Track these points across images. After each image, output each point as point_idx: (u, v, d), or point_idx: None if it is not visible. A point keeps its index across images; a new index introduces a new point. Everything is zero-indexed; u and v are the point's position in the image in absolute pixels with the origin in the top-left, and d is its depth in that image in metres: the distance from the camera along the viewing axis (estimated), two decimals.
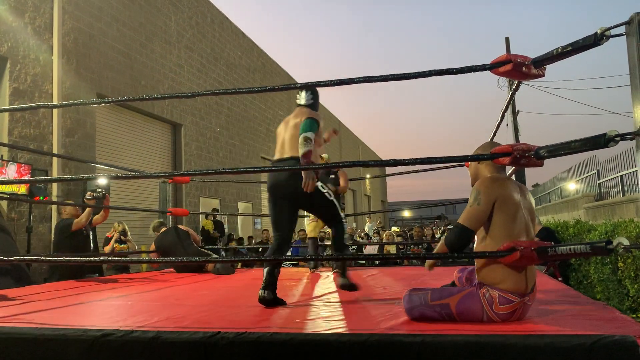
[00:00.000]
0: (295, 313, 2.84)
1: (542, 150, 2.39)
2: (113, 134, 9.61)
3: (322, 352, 2.04)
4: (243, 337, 2.09)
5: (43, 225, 7.60)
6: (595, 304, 2.79)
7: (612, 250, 2.12)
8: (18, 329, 2.40)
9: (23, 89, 7.48)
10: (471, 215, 2.37)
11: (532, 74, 2.53)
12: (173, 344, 2.13)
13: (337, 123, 27.07)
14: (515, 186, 2.44)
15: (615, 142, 2.20)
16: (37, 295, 3.72)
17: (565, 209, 15.10)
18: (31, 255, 5.29)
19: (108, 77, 9.28)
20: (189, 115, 12.02)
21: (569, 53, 2.40)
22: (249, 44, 16.04)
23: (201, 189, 12.21)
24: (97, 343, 2.17)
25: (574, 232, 6.98)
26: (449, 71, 2.66)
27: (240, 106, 14.77)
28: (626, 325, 2.14)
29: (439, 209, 45.23)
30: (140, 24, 10.42)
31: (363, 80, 2.80)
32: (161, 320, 2.62)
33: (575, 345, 1.83)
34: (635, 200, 8.49)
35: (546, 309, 2.61)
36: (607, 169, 12.29)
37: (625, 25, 2.26)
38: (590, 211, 11.90)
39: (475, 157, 2.58)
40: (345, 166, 3.36)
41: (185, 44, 12.07)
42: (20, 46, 7.50)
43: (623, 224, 5.00)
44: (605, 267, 5.07)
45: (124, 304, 3.37)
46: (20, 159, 7.19)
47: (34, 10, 7.77)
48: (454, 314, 2.34)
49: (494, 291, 2.31)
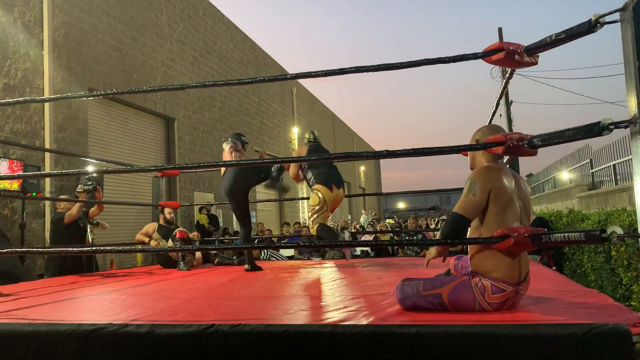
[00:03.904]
0: (290, 305, 2.83)
1: (536, 139, 2.38)
2: (105, 128, 9.55)
3: (317, 344, 2.04)
4: (238, 329, 2.08)
5: (37, 222, 7.56)
6: (589, 292, 2.80)
7: (606, 238, 2.11)
8: (12, 325, 2.39)
9: (13, 85, 7.41)
10: (466, 205, 2.35)
11: (524, 61, 2.52)
12: (167, 336, 2.12)
13: (330, 115, 27.03)
14: (510, 176, 2.42)
15: (610, 131, 2.20)
16: (31, 292, 3.70)
17: (559, 199, 15.15)
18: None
19: (99, 71, 9.21)
20: (182, 109, 11.96)
21: (562, 40, 2.38)
22: (242, 36, 15.96)
23: (195, 183, 12.18)
24: (91, 337, 2.17)
25: (568, 221, 7.00)
26: (441, 60, 2.65)
27: (234, 99, 14.72)
28: (620, 313, 2.14)
29: (434, 200, 45.37)
30: (132, 17, 10.33)
31: (355, 70, 2.79)
32: (155, 313, 2.61)
33: (569, 334, 1.84)
34: (628, 189, 8.52)
35: (540, 297, 2.62)
36: (600, 158, 12.32)
37: (620, 12, 2.24)
38: (583, 200, 11.95)
39: (468, 147, 2.57)
40: (339, 157, 3.39)
41: (177, 37, 11.99)
42: (10, 41, 7.42)
43: (616, 212, 5.01)
44: (599, 255, 5.09)
45: (117, 298, 3.36)
46: (12, 155, 7.14)
47: (23, 4, 7.69)
48: (446, 303, 2.34)
49: (486, 280, 2.31)
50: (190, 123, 12.30)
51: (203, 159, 12.54)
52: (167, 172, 6.74)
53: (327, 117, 26.14)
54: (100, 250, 3.21)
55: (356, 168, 30.79)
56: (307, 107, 22.29)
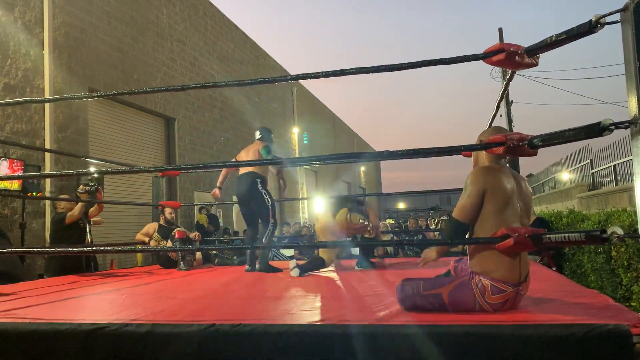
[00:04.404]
0: (290, 305, 2.83)
1: (536, 140, 2.38)
2: (106, 128, 9.55)
3: (317, 343, 2.04)
4: (238, 329, 2.09)
5: (37, 221, 7.56)
6: (589, 292, 2.80)
7: (607, 239, 2.11)
8: (12, 325, 2.39)
9: (14, 84, 7.41)
10: (462, 207, 2.37)
11: (525, 63, 2.51)
12: (167, 336, 2.12)
13: (331, 115, 27.03)
14: (509, 176, 2.41)
15: (610, 131, 2.20)
16: (31, 291, 3.70)
17: (559, 199, 15.14)
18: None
19: (100, 71, 9.21)
20: (182, 109, 11.96)
21: (563, 41, 2.38)
22: (242, 36, 15.95)
23: (196, 183, 12.18)
24: (91, 337, 2.17)
25: (568, 222, 7.00)
26: (442, 61, 2.64)
27: (234, 99, 14.71)
28: (620, 313, 2.14)
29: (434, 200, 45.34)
30: (132, 17, 10.33)
31: (355, 71, 2.78)
32: (155, 313, 2.61)
33: (569, 334, 1.84)
34: (628, 190, 8.51)
35: (540, 298, 2.62)
36: (601, 158, 12.31)
37: (620, 13, 2.24)
38: (583, 201, 11.94)
39: (468, 147, 2.57)
40: (339, 158, 3.38)
41: (177, 37, 11.99)
42: (11, 41, 7.42)
43: (616, 213, 5.01)
44: (599, 256, 5.09)
45: (117, 297, 3.36)
46: (13, 154, 7.13)
47: (24, 4, 7.69)
48: (447, 304, 2.34)
49: (486, 280, 2.30)
50: (190, 123, 12.30)
51: (203, 159, 12.54)
52: (167, 172, 6.74)
53: (327, 117, 26.13)
54: (100, 250, 3.21)
55: (356, 168, 30.77)
56: (307, 107, 22.28)
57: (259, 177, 4.94)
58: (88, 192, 5.19)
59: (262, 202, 4.92)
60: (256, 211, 5.02)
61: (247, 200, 5.01)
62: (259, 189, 4.91)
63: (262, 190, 4.91)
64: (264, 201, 4.91)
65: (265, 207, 4.91)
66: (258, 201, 4.94)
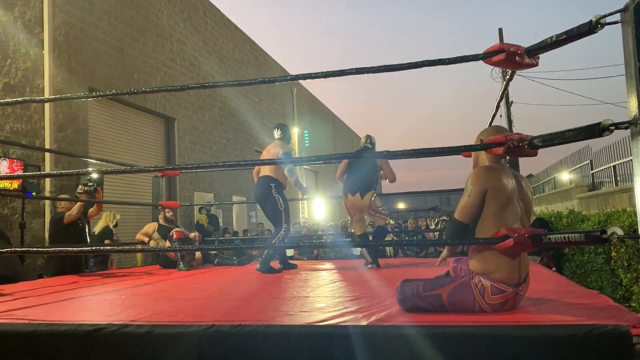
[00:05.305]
0: (290, 305, 2.83)
1: (536, 140, 2.37)
2: (106, 128, 9.55)
3: (316, 344, 2.04)
4: (238, 330, 2.08)
5: (36, 221, 7.56)
6: (589, 293, 2.79)
7: (606, 239, 2.11)
8: (12, 325, 2.38)
9: (14, 84, 7.41)
10: (463, 208, 2.37)
11: (525, 63, 2.51)
12: (167, 337, 2.12)
13: (330, 115, 27.03)
14: (510, 176, 2.40)
15: (610, 132, 2.19)
16: (31, 292, 3.70)
17: (559, 200, 15.14)
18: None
19: (100, 71, 9.21)
20: (182, 109, 11.97)
21: (563, 41, 2.38)
22: (242, 36, 15.96)
23: (195, 183, 12.18)
24: (91, 337, 2.16)
25: (568, 222, 7.00)
26: (442, 61, 2.64)
27: (234, 100, 14.71)
28: (620, 314, 2.14)
29: (434, 200, 45.32)
30: (132, 17, 10.33)
31: (355, 71, 2.78)
32: (155, 314, 2.61)
33: (569, 335, 1.84)
34: (628, 190, 8.51)
35: (540, 298, 2.62)
36: (600, 159, 12.31)
37: (620, 13, 2.23)
38: (583, 201, 11.94)
39: (468, 148, 2.57)
40: (339, 158, 3.38)
41: (177, 37, 11.99)
42: (10, 40, 7.42)
43: (616, 213, 5.01)
44: (599, 256, 5.09)
45: (117, 298, 3.35)
46: (12, 154, 7.14)
47: (23, 4, 7.69)
48: (446, 304, 2.33)
49: (486, 281, 2.30)
50: (190, 123, 12.30)
51: (203, 159, 12.54)
52: (167, 172, 6.74)
53: (327, 117, 26.14)
54: (100, 250, 3.21)
55: None
56: (307, 107, 22.28)
57: (273, 182, 4.94)
58: (87, 192, 5.19)
59: (275, 205, 4.94)
60: (270, 214, 5.05)
61: (263, 202, 5.04)
62: (272, 193, 4.92)
63: (277, 195, 4.93)
64: (277, 205, 4.93)
65: (278, 212, 4.94)
66: (271, 204, 4.96)
